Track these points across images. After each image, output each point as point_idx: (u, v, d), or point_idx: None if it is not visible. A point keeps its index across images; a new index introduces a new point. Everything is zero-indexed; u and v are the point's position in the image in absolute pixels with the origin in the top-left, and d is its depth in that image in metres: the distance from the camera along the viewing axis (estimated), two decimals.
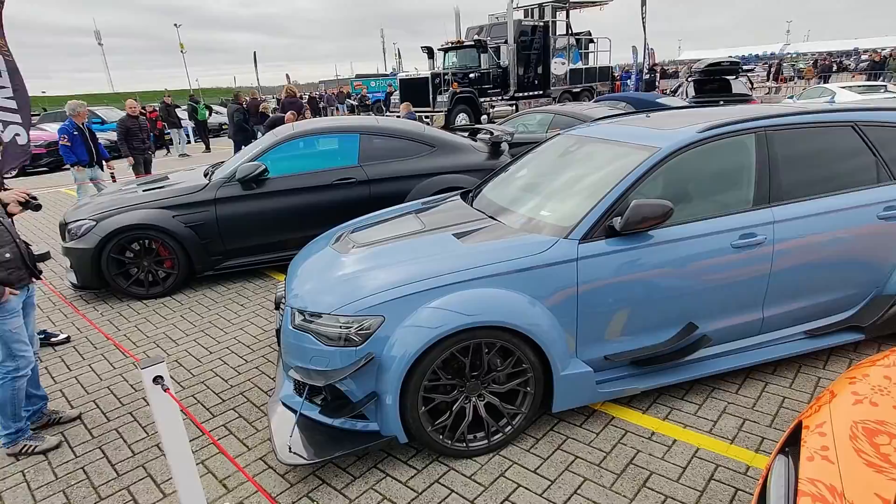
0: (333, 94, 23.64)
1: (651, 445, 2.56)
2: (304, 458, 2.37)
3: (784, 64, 26.37)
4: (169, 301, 4.80)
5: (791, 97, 15.30)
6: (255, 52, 32.82)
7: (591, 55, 20.69)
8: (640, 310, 2.66)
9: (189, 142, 20.10)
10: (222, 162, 5.73)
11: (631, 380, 2.75)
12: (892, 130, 3.11)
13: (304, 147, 5.21)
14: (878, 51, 28.44)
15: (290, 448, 2.41)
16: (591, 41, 20.55)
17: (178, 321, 4.35)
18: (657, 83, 19.15)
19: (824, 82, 21.07)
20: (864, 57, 26.90)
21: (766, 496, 1.48)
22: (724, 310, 2.81)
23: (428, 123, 10.11)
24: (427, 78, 15.53)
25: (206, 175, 5.31)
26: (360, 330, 2.39)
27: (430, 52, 17.17)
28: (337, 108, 22.00)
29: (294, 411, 2.60)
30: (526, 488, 2.34)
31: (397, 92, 17.39)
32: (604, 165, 2.95)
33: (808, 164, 2.93)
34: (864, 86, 12.82)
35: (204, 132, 17.33)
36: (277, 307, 3.12)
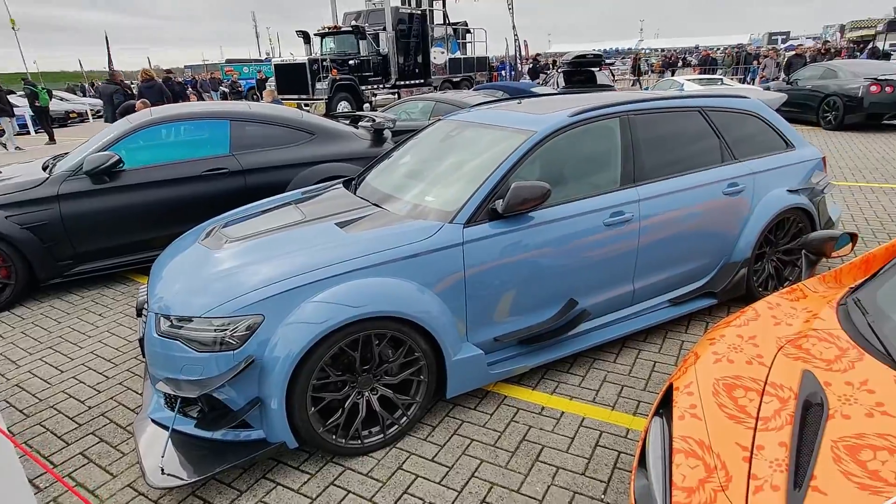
0: (206, 79, 21.66)
1: (542, 420, 2.66)
2: (182, 479, 2.13)
3: (640, 59, 28.98)
4: (7, 316, 4.11)
5: (646, 88, 16.85)
6: (105, 32, 29.27)
7: (468, 45, 21.14)
8: (526, 289, 2.73)
9: (29, 132, 17.46)
10: (66, 153, 5.00)
11: (520, 358, 2.83)
12: (731, 115, 3.49)
13: (165, 135, 4.70)
14: (712, 49, 32.37)
15: (163, 469, 2.16)
16: (468, 31, 20.98)
17: (20, 339, 3.74)
18: (541, 73, 20.17)
19: (671, 75, 23.48)
20: (701, 54, 30.42)
21: (646, 456, 1.57)
22: (600, 284, 2.98)
23: (308, 111, 9.66)
24: (304, 64, 14.86)
25: (45, 168, 4.60)
26: (237, 332, 2.19)
27: (306, 37, 16.43)
28: (211, 96, 20.24)
29: (166, 428, 2.33)
30: (424, 478, 2.30)
31: (272, 79, 16.44)
32: (484, 150, 2.97)
33: (665, 146, 3.19)
34: (704, 78, 14.46)
35: (46, 121, 15.13)
36: (139, 314, 2.78)
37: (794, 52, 17.04)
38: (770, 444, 1.39)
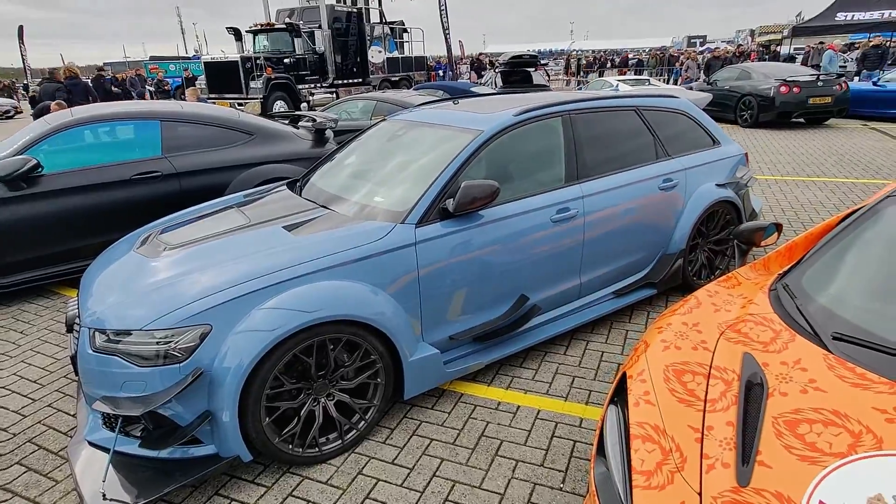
0: (135, 76, 20.22)
1: (499, 415, 2.70)
2: (126, 503, 2.00)
3: (571, 60, 29.99)
4: None
5: (580, 87, 17.44)
6: (20, 27, 26.98)
7: (406, 45, 21.08)
8: (478, 287, 2.76)
9: None
10: None
11: (476, 355, 2.85)
12: (663, 114, 3.67)
13: (89, 137, 4.39)
14: (637, 51, 34.11)
15: (104, 495, 2.02)
16: (405, 30, 20.92)
17: None
18: (482, 72, 20.47)
19: (599, 76, 24.44)
20: (630, 56, 31.90)
21: (604, 443, 1.62)
22: (549, 279, 3.06)
23: (242, 111, 9.30)
24: (237, 62, 14.31)
25: None
26: (182, 343, 2.08)
27: (237, 34, 15.82)
28: (145, 94, 18.93)
29: (106, 450, 2.18)
30: (386, 481, 2.28)
31: (202, 77, 15.72)
32: (431, 149, 2.98)
33: (605, 144, 3.31)
34: (634, 79, 15.16)
35: None
36: (70, 329, 2.59)
37: (711, 55, 18.16)
38: (718, 424, 1.47)
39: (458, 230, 2.65)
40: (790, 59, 19.67)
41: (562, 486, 2.23)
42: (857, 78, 14.00)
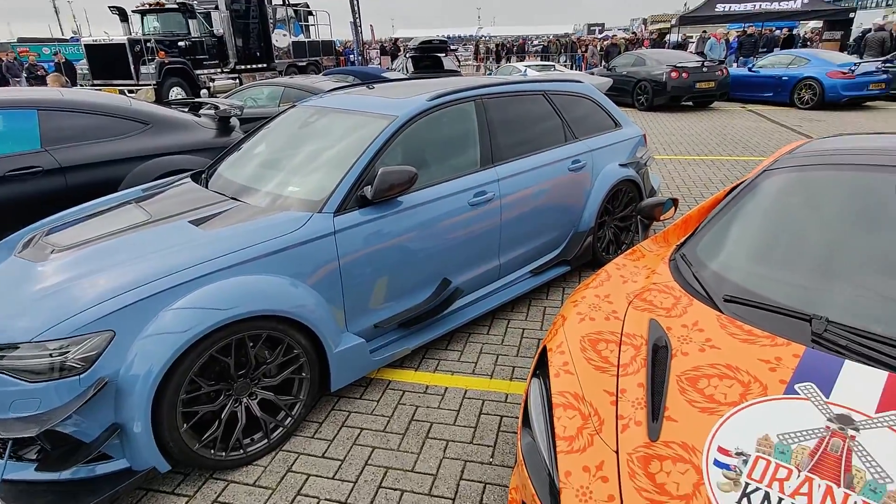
0: (13, 61, 17.73)
1: (427, 398, 2.73)
2: None
3: (480, 45, 30.43)
4: None
5: (489, 73, 17.76)
6: None
7: (312, 29, 20.35)
8: (401, 273, 2.77)
9: None
10: None
11: (401, 342, 2.86)
12: (569, 98, 3.83)
13: None
14: (540, 37, 35.28)
15: None
16: (310, 13, 20.18)
17: None
18: (397, 56, 20.19)
19: (507, 62, 25.04)
20: (535, 42, 32.87)
21: (528, 415, 1.70)
22: (470, 262, 3.12)
23: (133, 98, 8.54)
24: (124, 45, 13.11)
25: None
26: (81, 353, 1.91)
27: (122, 14, 14.49)
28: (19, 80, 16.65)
29: None
30: (317, 476, 2.25)
31: (83, 62, 14.26)
32: (346, 136, 2.92)
33: (517, 128, 3.41)
34: (540, 64, 15.67)
35: None
36: None
37: (610, 42, 19.14)
38: (630, 386, 1.59)
39: (378, 217, 2.63)
40: (679, 46, 21.20)
41: (491, 460, 2.30)
42: (735, 64, 15.35)
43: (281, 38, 17.65)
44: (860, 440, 1.28)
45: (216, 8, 15.18)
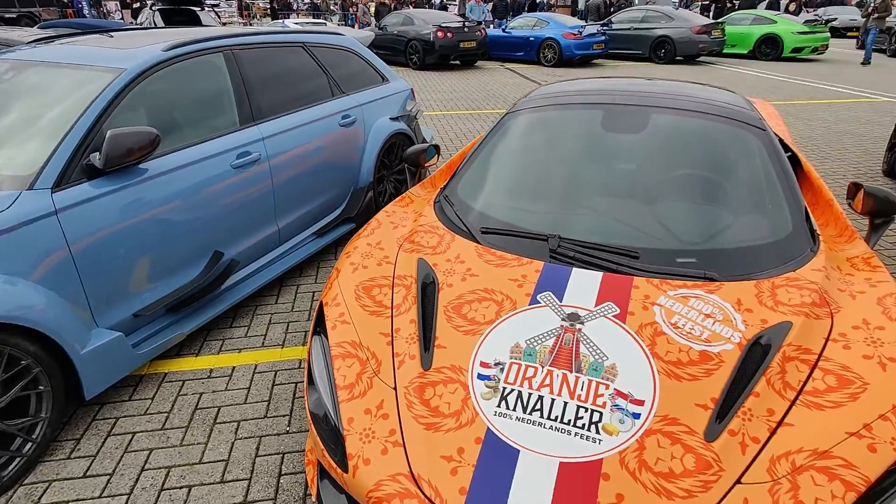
0: None
1: (213, 383, 2.51)
2: None
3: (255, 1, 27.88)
4: None
5: None
6: None
7: None
8: (160, 252, 2.43)
9: None
10: None
11: (173, 328, 2.55)
12: (331, 51, 3.72)
13: None
14: None
15: None
16: None
17: None
18: (142, 9, 17.03)
19: (273, 19, 23.46)
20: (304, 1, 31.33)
21: (312, 373, 1.66)
22: (244, 231, 2.90)
23: None
24: None
25: None
26: None
27: None
28: None
29: None
30: (78, 500, 1.91)
31: None
32: (59, 95, 2.39)
33: (278, 83, 3.20)
34: (311, 22, 15.04)
35: None
36: None
37: (378, 1, 19.19)
38: (404, 324, 1.65)
39: (117, 189, 2.24)
40: (443, 7, 22.26)
41: (288, 428, 2.23)
42: (491, 25, 16.75)
43: None
44: (585, 331, 1.53)
45: None
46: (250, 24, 25.22)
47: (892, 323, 1.48)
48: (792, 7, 17.75)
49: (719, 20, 14.59)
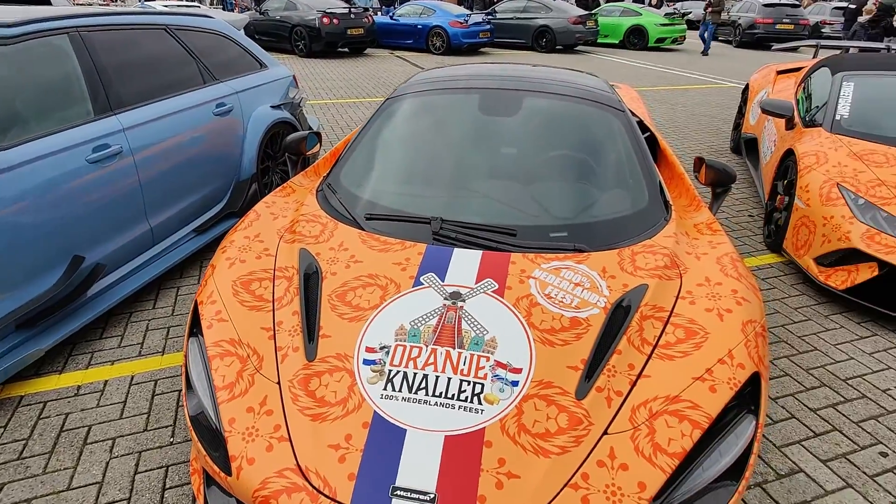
0: None
1: (81, 401, 2.28)
2: None
3: None
4: None
5: None
6: None
7: None
8: (4, 260, 2.15)
9: None
10: None
11: (27, 345, 2.28)
12: (200, 35, 3.47)
13: None
14: None
15: None
16: None
17: None
18: None
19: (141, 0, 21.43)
20: None
21: (190, 377, 1.57)
22: (108, 231, 2.64)
23: None
24: None
25: None
26: None
27: None
28: None
29: None
30: None
31: None
32: None
33: (139, 68, 2.93)
34: (181, 4, 13.89)
35: None
36: None
37: None
38: (286, 317, 1.61)
39: None
40: None
41: (171, 439, 2.09)
42: (379, 12, 16.53)
43: None
44: (467, 308, 1.58)
45: None
46: (111, 4, 22.80)
47: (727, 278, 1.69)
48: (654, 1, 19.35)
49: (592, 11, 15.55)
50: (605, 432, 1.31)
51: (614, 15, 15.72)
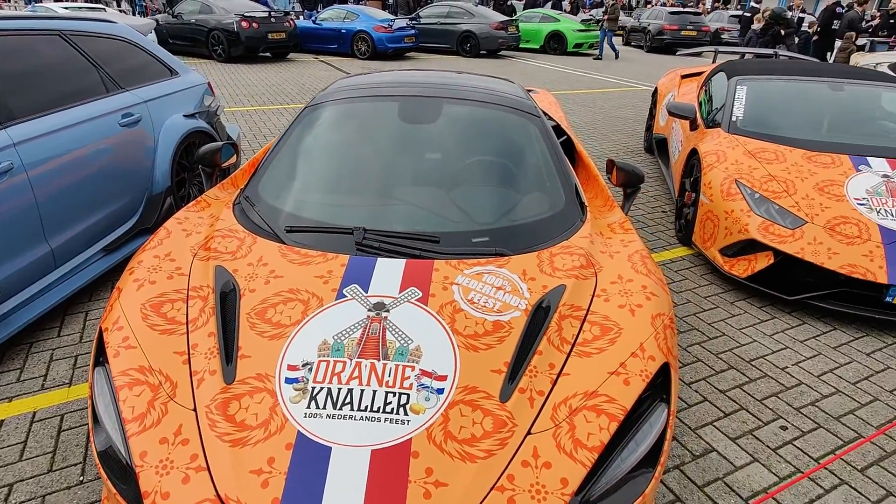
0: None
1: None
2: None
3: None
4: None
5: None
6: None
7: None
8: None
9: None
10: None
11: None
12: (101, 41, 3.26)
13: None
14: None
15: None
16: None
17: None
18: None
19: (38, 2, 19.83)
20: None
21: (96, 411, 1.46)
22: (1, 255, 2.41)
23: None
24: None
25: None
26: None
27: None
28: None
29: None
30: None
31: None
32: None
33: (29, 78, 2.70)
34: (86, 7, 12.96)
35: None
36: None
37: None
38: (201, 339, 1.53)
39: None
40: None
41: (81, 478, 1.93)
42: (301, 16, 16.19)
43: None
44: (391, 318, 1.58)
45: None
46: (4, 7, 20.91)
47: (638, 275, 1.78)
48: (567, 7, 20.15)
49: (513, 17, 15.98)
50: (529, 432, 1.35)
51: (534, 21, 16.23)
